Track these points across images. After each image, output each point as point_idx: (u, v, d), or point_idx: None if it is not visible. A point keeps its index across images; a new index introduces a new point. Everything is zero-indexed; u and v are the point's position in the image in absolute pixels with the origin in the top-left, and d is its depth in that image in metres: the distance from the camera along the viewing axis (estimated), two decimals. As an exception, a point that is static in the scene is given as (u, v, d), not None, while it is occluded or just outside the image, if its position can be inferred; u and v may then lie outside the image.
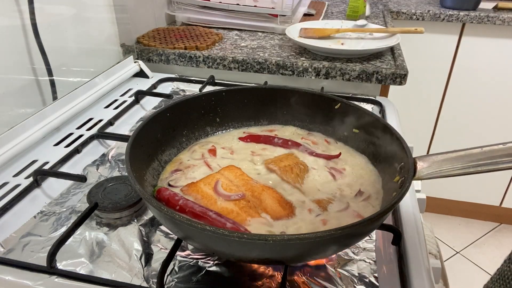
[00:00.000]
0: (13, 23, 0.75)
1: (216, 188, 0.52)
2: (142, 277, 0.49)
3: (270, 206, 0.51)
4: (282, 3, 1.25)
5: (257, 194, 0.52)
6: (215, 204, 0.50)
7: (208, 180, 0.54)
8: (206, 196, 0.52)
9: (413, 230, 0.56)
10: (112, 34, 1.05)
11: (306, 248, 0.41)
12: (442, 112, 1.91)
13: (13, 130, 0.71)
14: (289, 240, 0.38)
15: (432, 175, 0.47)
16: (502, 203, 2.06)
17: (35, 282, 0.48)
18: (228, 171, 0.56)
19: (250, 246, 0.40)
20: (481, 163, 0.45)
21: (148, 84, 1.03)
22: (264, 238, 0.38)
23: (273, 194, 0.53)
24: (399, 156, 0.52)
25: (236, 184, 0.53)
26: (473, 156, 0.45)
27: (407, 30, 1.20)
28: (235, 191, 0.52)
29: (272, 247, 0.39)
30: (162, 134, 0.61)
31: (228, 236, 0.39)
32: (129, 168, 0.48)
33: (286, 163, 0.59)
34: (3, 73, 0.74)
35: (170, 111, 0.62)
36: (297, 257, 0.44)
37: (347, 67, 1.01)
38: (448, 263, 1.93)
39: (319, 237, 0.38)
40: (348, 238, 0.43)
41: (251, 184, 0.54)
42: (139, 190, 0.44)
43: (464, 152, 0.46)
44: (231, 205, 0.50)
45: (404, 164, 0.50)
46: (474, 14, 1.66)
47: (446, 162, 0.47)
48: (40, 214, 0.58)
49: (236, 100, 0.69)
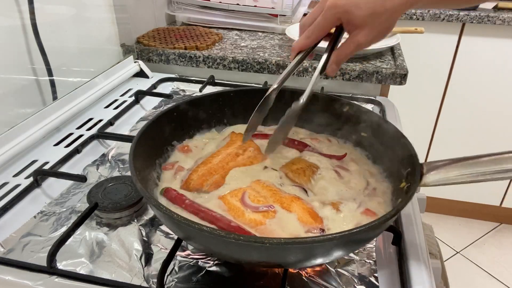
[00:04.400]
0: (13, 23, 0.75)
1: (243, 200, 0.51)
2: (142, 277, 0.49)
3: (300, 217, 0.49)
4: (282, 3, 1.25)
5: (286, 206, 0.50)
6: (243, 216, 0.49)
7: (235, 192, 0.53)
8: (233, 208, 0.50)
9: (413, 230, 0.56)
10: (112, 34, 1.05)
11: (304, 252, 0.41)
12: (442, 112, 1.91)
13: (13, 130, 0.71)
14: (286, 243, 0.38)
15: (439, 182, 0.46)
16: (502, 203, 2.06)
17: (35, 282, 0.48)
18: (255, 182, 0.55)
19: (246, 248, 0.40)
20: (490, 172, 0.43)
21: (148, 84, 1.03)
22: (260, 241, 0.38)
23: (302, 205, 0.51)
24: (406, 162, 0.52)
25: (263, 195, 0.52)
26: (482, 165, 0.44)
27: (407, 30, 1.20)
28: (263, 202, 0.51)
29: (269, 250, 0.39)
30: (169, 133, 0.61)
31: (224, 238, 0.38)
32: (132, 165, 0.48)
33: (299, 166, 0.58)
34: (3, 73, 0.74)
35: (176, 110, 0.62)
36: (296, 261, 0.44)
37: (347, 67, 1.01)
38: (448, 263, 1.92)
39: (317, 241, 0.38)
40: (348, 244, 0.43)
41: (280, 195, 0.52)
42: (140, 188, 0.45)
43: (473, 160, 0.44)
44: (260, 217, 0.49)
45: (411, 170, 0.49)
46: (474, 14, 1.66)
47: (453, 169, 0.45)
48: (40, 214, 0.58)
49: (243, 101, 0.69)
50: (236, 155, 0.60)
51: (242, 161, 0.59)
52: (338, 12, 0.51)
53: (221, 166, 0.58)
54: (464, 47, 1.75)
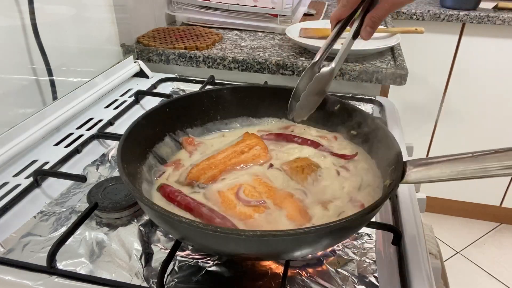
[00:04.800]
0: (13, 23, 0.75)
1: (237, 193, 0.52)
2: (142, 277, 0.49)
3: (289, 214, 0.50)
4: (282, 3, 1.25)
5: (279, 202, 0.52)
6: (234, 209, 0.50)
7: (233, 186, 0.54)
8: (226, 200, 0.52)
9: (413, 230, 0.56)
10: (112, 34, 1.05)
11: (281, 245, 0.41)
12: (442, 112, 1.91)
13: (13, 130, 0.71)
14: (262, 236, 0.38)
15: (420, 180, 0.47)
16: (502, 203, 2.06)
17: (35, 282, 0.48)
18: (254, 179, 0.56)
19: (224, 240, 0.41)
20: (470, 170, 0.43)
21: (148, 84, 1.03)
22: (237, 233, 0.39)
23: (294, 202, 0.52)
24: (391, 160, 0.52)
25: (258, 191, 0.53)
26: (464, 163, 0.44)
27: (407, 30, 1.20)
28: (257, 197, 0.52)
29: (246, 242, 0.40)
30: (160, 130, 0.62)
31: (202, 229, 0.39)
32: (120, 164, 0.48)
33: (298, 164, 0.59)
34: (3, 73, 0.74)
35: (169, 106, 0.63)
36: (274, 254, 0.44)
37: (347, 67, 1.01)
38: (448, 263, 1.93)
39: (292, 234, 0.39)
40: (324, 237, 0.42)
41: (274, 192, 0.53)
42: (125, 180, 0.45)
43: (455, 158, 0.44)
44: (250, 211, 0.50)
45: (394, 168, 0.50)
46: (474, 14, 1.66)
47: (435, 167, 0.46)
48: (40, 214, 0.58)
49: (237, 98, 0.70)
50: (241, 153, 0.61)
51: (245, 158, 0.60)
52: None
53: (223, 162, 0.59)
54: (464, 47, 1.75)
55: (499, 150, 0.42)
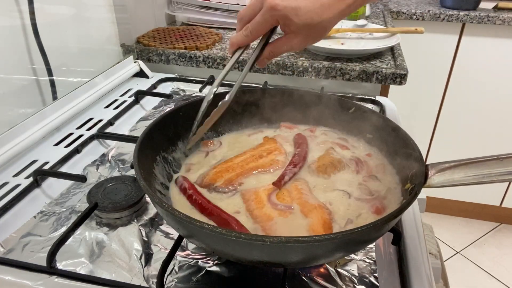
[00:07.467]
0: (13, 23, 0.75)
1: (270, 195, 0.52)
2: (142, 277, 0.49)
3: (312, 223, 0.49)
4: (282, 3, 1.25)
5: (306, 211, 0.50)
6: (262, 209, 0.50)
7: (270, 187, 0.54)
8: (258, 199, 0.52)
9: (413, 230, 0.56)
10: (112, 34, 1.05)
11: (305, 252, 0.40)
12: (442, 112, 1.91)
13: (13, 130, 0.71)
14: (287, 242, 0.37)
15: (444, 183, 0.46)
16: (502, 203, 2.06)
17: (35, 282, 0.48)
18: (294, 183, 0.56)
19: (247, 246, 0.40)
20: (496, 173, 0.43)
21: (148, 84, 1.03)
22: (261, 239, 0.37)
23: (322, 214, 0.50)
24: (411, 163, 0.52)
25: (291, 196, 0.53)
26: (489, 166, 0.43)
27: (407, 30, 1.20)
28: (287, 202, 0.51)
29: (270, 249, 0.39)
30: (175, 132, 0.61)
31: (225, 236, 0.38)
32: (136, 159, 0.48)
33: (321, 163, 0.59)
34: (3, 73, 0.74)
35: (183, 109, 0.62)
36: (298, 261, 0.43)
37: (347, 67, 1.01)
38: (448, 263, 1.93)
39: (318, 240, 0.38)
40: (350, 244, 0.42)
41: (306, 200, 0.52)
42: (143, 185, 0.45)
43: (479, 161, 0.44)
44: (275, 213, 0.50)
45: (416, 172, 0.49)
46: (474, 14, 1.66)
47: (459, 171, 0.45)
48: (40, 214, 0.58)
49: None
50: (260, 157, 0.61)
51: (263, 163, 0.60)
52: (277, 15, 0.52)
53: (240, 166, 0.59)
54: (464, 47, 1.75)
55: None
